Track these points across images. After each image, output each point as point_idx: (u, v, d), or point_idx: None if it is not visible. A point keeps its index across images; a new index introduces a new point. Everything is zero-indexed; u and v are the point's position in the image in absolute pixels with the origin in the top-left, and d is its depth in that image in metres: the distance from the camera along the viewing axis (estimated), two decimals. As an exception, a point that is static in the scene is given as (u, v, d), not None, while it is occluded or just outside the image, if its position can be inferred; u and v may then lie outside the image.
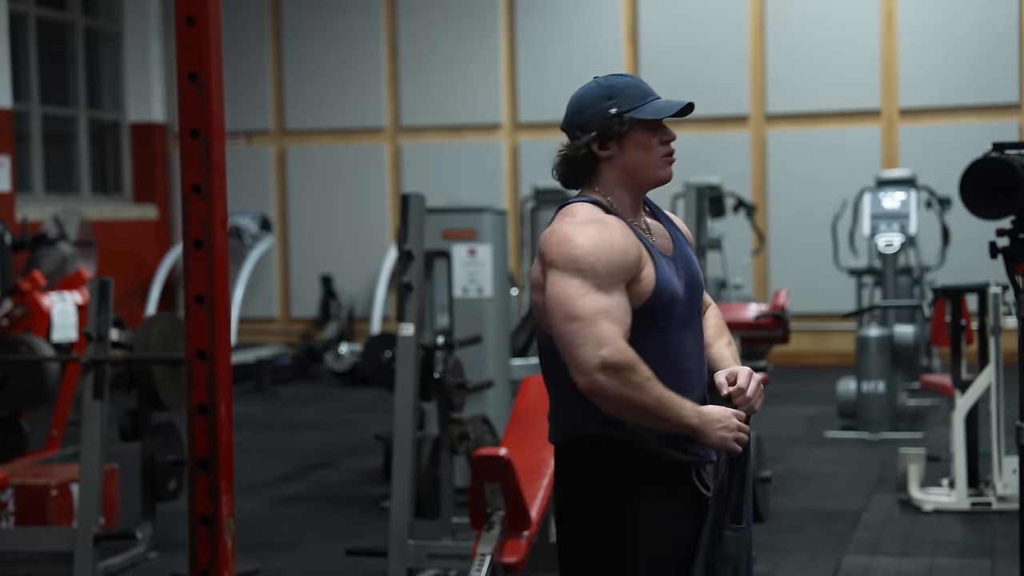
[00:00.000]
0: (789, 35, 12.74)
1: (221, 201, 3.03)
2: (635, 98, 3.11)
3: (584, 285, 2.89)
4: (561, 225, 2.99)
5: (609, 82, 3.18)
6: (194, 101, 2.99)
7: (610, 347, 2.86)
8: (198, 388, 3.00)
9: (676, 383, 2.95)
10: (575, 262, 2.91)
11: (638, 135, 3.07)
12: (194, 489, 3.03)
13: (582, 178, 3.11)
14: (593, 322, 2.88)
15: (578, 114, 3.18)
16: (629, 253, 2.93)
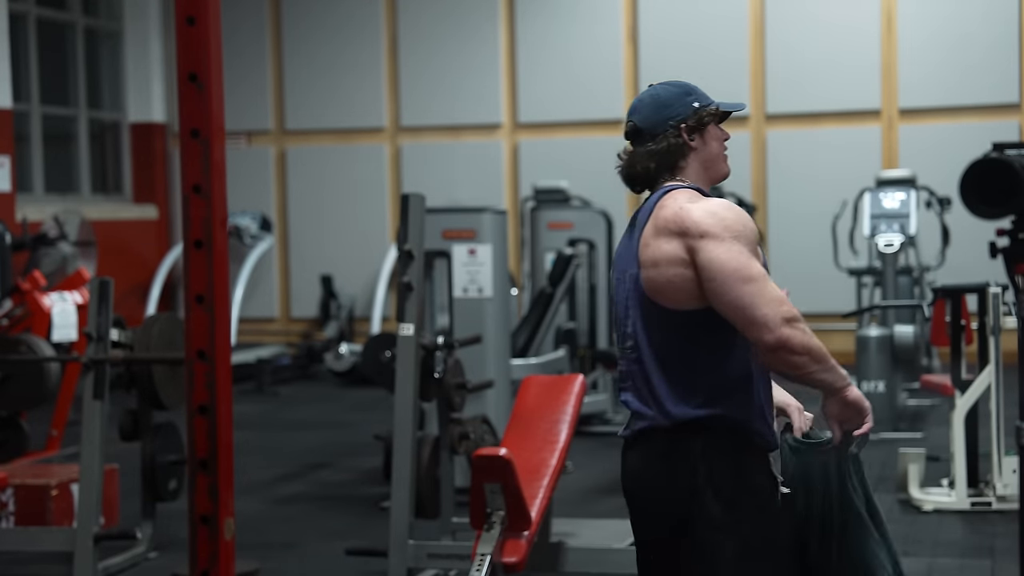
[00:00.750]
0: (789, 35, 12.74)
1: (221, 201, 3.03)
2: (705, 95, 3.29)
3: (744, 250, 3.06)
4: (690, 203, 3.14)
5: (682, 83, 3.32)
6: (194, 101, 2.99)
7: (786, 304, 3.05)
8: (198, 388, 3.00)
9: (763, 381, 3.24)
10: (730, 229, 3.07)
11: (714, 128, 3.25)
12: (194, 489, 3.03)
13: (666, 171, 3.25)
14: (766, 281, 3.05)
15: (664, 108, 3.26)
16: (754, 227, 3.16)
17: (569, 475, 7.65)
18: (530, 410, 5.35)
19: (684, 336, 3.12)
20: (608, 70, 13.07)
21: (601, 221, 10.11)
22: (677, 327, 3.12)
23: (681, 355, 3.12)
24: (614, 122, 13.13)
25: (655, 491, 3.18)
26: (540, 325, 8.93)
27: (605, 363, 9.56)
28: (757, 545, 3.13)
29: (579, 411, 5.36)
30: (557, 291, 9.11)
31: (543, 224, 10.30)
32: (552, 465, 5.06)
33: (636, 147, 3.32)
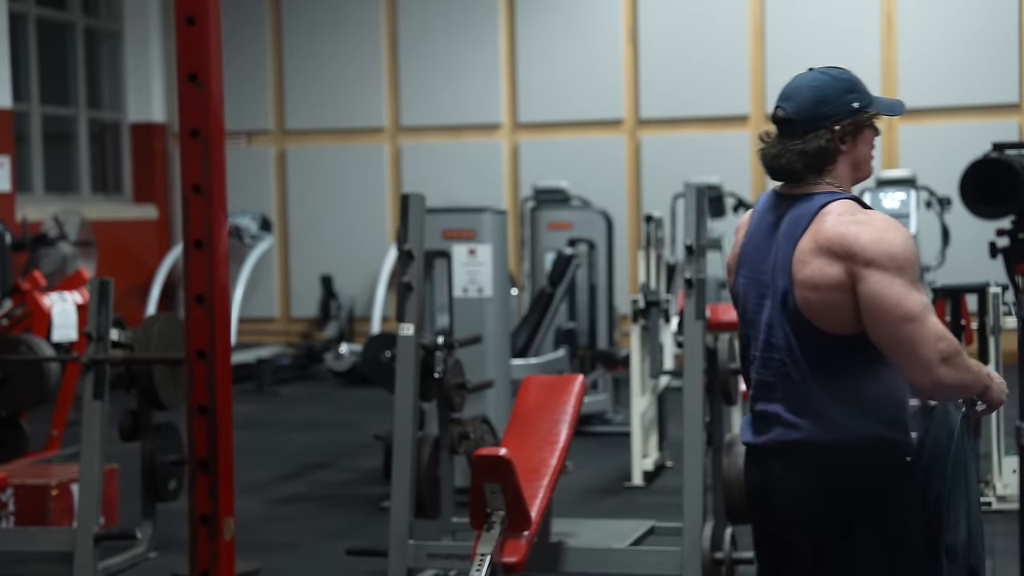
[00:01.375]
0: (789, 36, 12.73)
1: (221, 201, 3.03)
2: (867, 91, 3.21)
3: (906, 283, 2.97)
4: (856, 222, 3.02)
5: (845, 75, 3.23)
6: (194, 101, 2.99)
7: (944, 340, 2.98)
8: (198, 388, 3.00)
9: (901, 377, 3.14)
10: (895, 259, 2.97)
11: (870, 131, 3.16)
12: (194, 489, 3.03)
13: (812, 170, 3.14)
14: (925, 319, 2.97)
15: (823, 105, 3.17)
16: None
17: (569, 475, 7.67)
18: (530, 410, 5.34)
19: (844, 355, 3.04)
20: (608, 70, 13.06)
21: (601, 221, 10.11)
22: (836, 347, 3.04)
23: (840, 372, 3.04)
24: (614, 122, 13.14)
25: (801, 502, 3.11)
26: (540, 325, 8.93)
27: (605, 363, 9.56)
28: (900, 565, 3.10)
29: (579, 411, 5.36)
30: (557, 291, 9.10)
31: (543, 224, 10.30)
32: (552, 465, 5.06)
33: (783, 138, 3.19)
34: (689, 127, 12.98)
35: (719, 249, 11.59)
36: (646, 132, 13.08)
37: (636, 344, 7.78)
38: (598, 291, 10.02)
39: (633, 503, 7.26)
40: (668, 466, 8.07)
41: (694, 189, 5.42)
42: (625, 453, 7.88)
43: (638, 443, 7.67)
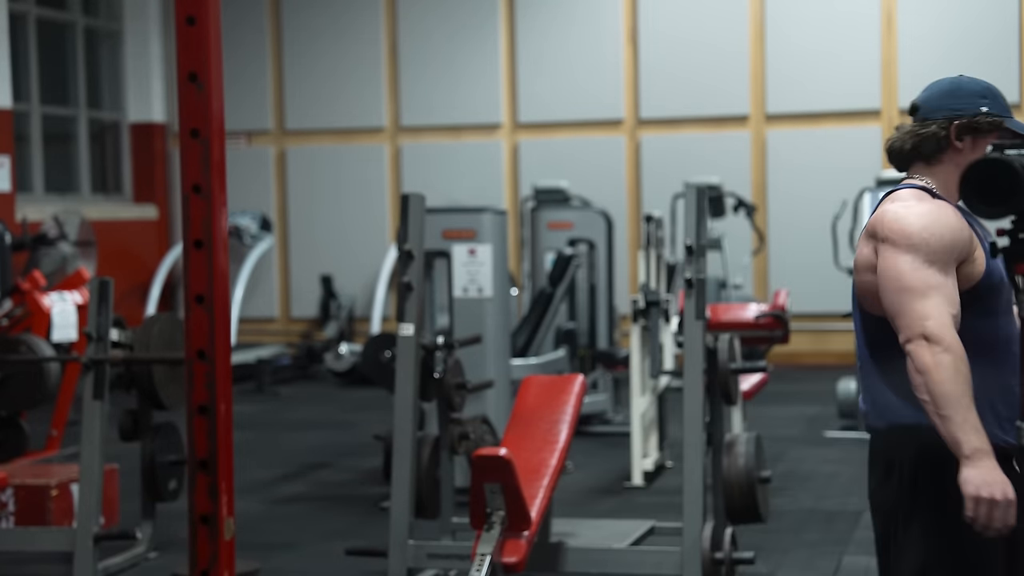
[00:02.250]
0: (789, 35, 12.74)
1: (221, 201, 3.03)
2: (1004, 107, 3.19)
3: (916, 260, 2.97)
4: (894, 205, 3.08)
5: (985, 83, 3.24)
6: (194, 101, 2.99)
7: (932, 320, 2.92)
8: (198, 388, 3.00)
9: (1007, 365, 3.03)
10: (909, 238, 3.00)
11: (987, 140, 3.15)
12: (194, 489, 3.03)
13: (922, 159, 3.17)
14: (924, 296, 2.95)
15: (951, 98, 3.24)
16: (963, 232, 3.04)
17: (569, 475, 7.67)
18: (530, 410, 5.34)
19: (890, 338, 3.03)
20: (608, 70, 13.06)
21: (601, 221, 10.11)
22: (881, 329, 3.07)
23: (889, 356, 3.04)
24: (614, 122, 13.14)
25: (872, 489, 3.18)
26: (540, 325, 8.93)
27: (605, 363, 9.56)
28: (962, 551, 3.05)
29: (579, 411, 5.36)
30: (557, 291, 9.10)
31: (543, 224, 10.30)
32: (552, 465, 5.06)
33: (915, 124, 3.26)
34: (689, 127, 12.98)
35: (719, 249, 11.59)
36: (646, 132, 13.08)
37: (636, 344, 7.78)
38: (598, 291, 10.02)
39: (633, 503, 7.26)
40: (668, 466, 8.07)
41: (694, 189, 5.42)
42: (625, 453, 7.88)
43: (638, 443, 7.67)
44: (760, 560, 5.47)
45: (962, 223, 3.07)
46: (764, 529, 6.17)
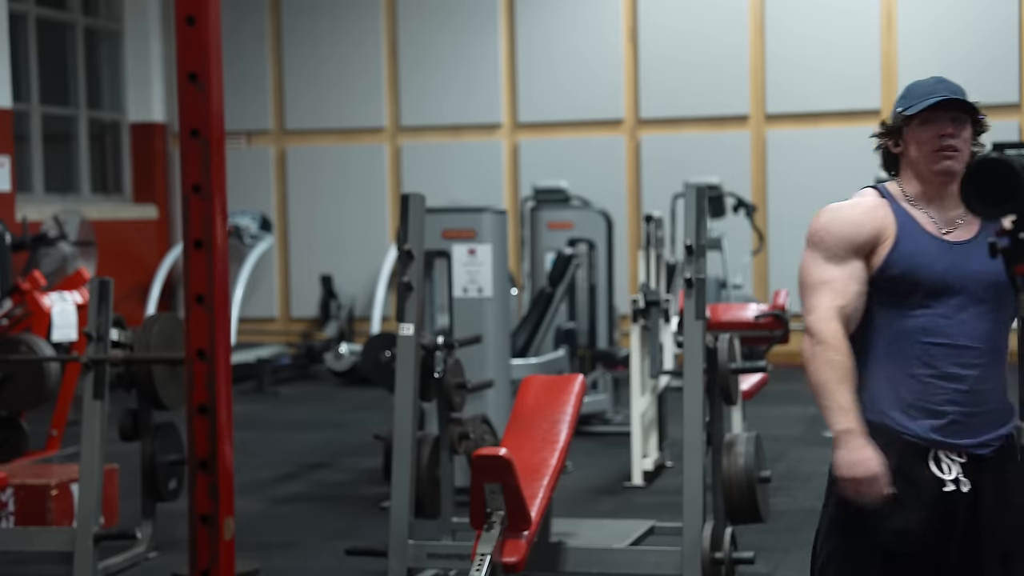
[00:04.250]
0: (789, 35, 12.74)
1: (221, 201, 3.03)
2: (913, 98, 3.27)
3: (814, 256, 3.21)
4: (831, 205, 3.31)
5: (909, 86, 3.34)
6: (194, 101, 2.99)
7: (813, 314, 3.16)
8: (198, 388, 3.00)
9: (917, 356, 3.14)
10: (811, 236, 3.25)
11: (914, 131, 3.24)
12: (194, 489, 3.03)
13: (891, 169, 3.31)
14: (814, 290, 3.18)
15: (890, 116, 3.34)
16: (863, 226, 3.18)
17: (569, 475, 7.67)
18: (530, 410, 5.34)
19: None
20: (608, 70, 13.06)
21: (601, 221, 10.11)
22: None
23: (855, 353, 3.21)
24: (614, 122, 13.14)
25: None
26: (540, 325, 8.93)
27: (605, 363, 9.56)
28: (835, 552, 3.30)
29: (579, 411, 5.36)
30: (557, 291, 9.10)
31: (543, 224, 10.30)
32: (552, 465, 5.06)
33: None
34: (689, 127, 12.98)
35: (719, 249, 11.59)
36: (646, 132, 13.08)
37: (636, 344, 7.78)
38: (598, 291, 10.02)
39: (633, 503, 7.26)
40: (668, 466, 8.07)
41: (694, 189, 5.42)
42: (625, 453, 7.88)
43: (638, 443, 7.67)
44: (760, 560, 5.47)
45: (867, 218, 3.19)
46: (764, 529, 6.17)
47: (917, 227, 3.20)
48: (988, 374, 3.16)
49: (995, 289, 3.16)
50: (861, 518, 3.15)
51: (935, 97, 3.21)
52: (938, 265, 3.15)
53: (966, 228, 3.22)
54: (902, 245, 3.17)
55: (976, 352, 3.15)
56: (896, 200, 3.24)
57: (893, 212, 3.21)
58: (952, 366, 3.14)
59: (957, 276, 3.16)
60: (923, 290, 3.16)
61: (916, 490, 3.12)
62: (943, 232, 3.20)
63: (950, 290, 3.16)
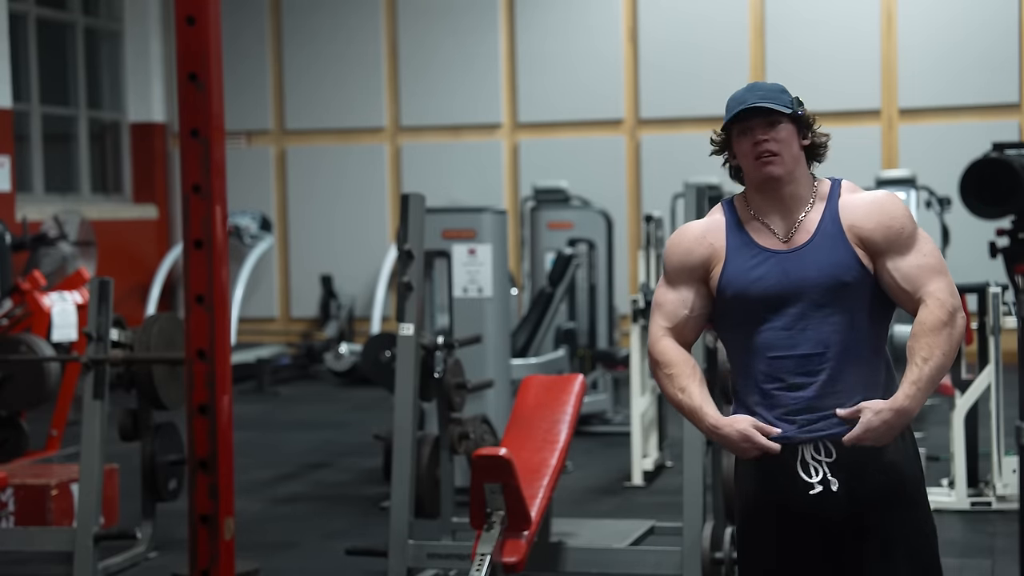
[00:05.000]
0: (789, 35, 12.74)
1: (221, 201, 3.03)
2: (728, 110, 3.25)
3: (662, 279, 3.32)
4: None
5: (729, 98, 3.28)
6: (194, 101, 2.99)
7: (651, 337, 3.29)
8: (198, 388, 3.00)
9: (767, 372, 3.16)
10: (662, 257, 3.38)
11: (736, 143, 3.26)
12: (194, 489, 3.03)
13: (741, 181, 3.32)
14: (653, 311, 3.32)
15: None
16: (692, 253, 3.25)
17: (569, 475, 7.67)
18: (530, 410, 5.35)
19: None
20: (608, 70, 13.06)
21: (601, 221, 10.11)
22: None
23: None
24: (614, 122, 13.14)
25: None
26: (540, 325, 8.93)
27: (605, 363, 9.56)
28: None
29: (579, 411, 5.37)
30: (557, 291, 9.10)
31: (543, 224, 10.30)
32: (552, 465, 5.06)
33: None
34: (689, 127, 12.98)
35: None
36: (646, 132, 13.08)
37: (636, 344, 7.78)
38: (598, 291, 10.02)
39: (633, 503, 7.26)
40: (668, 466, 8.07)
41: (694, 189, 5.42)
42: (625, 453, 7.88)
43: (638, 443, 7.68)
44: (760, 560, 5.46)
45: (697, 243, 3.25)
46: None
47: (748, 245, 3.21)
48: (838, 375, 3.15)
49: (835, 291, 3.14)
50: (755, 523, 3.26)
51: (739, 107, 3.18)
52: (769, 280, 3.16)
53: (803, 231, 3.19)
54: (730, 267, 3.19)
55: (821, 357, 3.14)
56: (736, 216, 3.25)
57: (726, 232, 3.23)
58: (796, 376, 3.15)
59: (792, 286, 3.15)
60: (759, 307, 3.16)
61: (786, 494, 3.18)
62: (782, 241, 3.19)
63: (787, 302, 3.15)
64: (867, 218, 3.18)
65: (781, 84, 3.26)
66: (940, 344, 3.18)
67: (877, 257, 3.17)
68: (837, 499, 3.14)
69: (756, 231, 3.21)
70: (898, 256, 3.17)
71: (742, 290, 3.17)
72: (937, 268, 3.20)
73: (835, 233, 3.17)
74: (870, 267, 3.17)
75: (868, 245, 3.16)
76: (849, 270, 3.15)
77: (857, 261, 3.16)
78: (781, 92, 3.21)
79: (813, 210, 3.20)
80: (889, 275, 3.18)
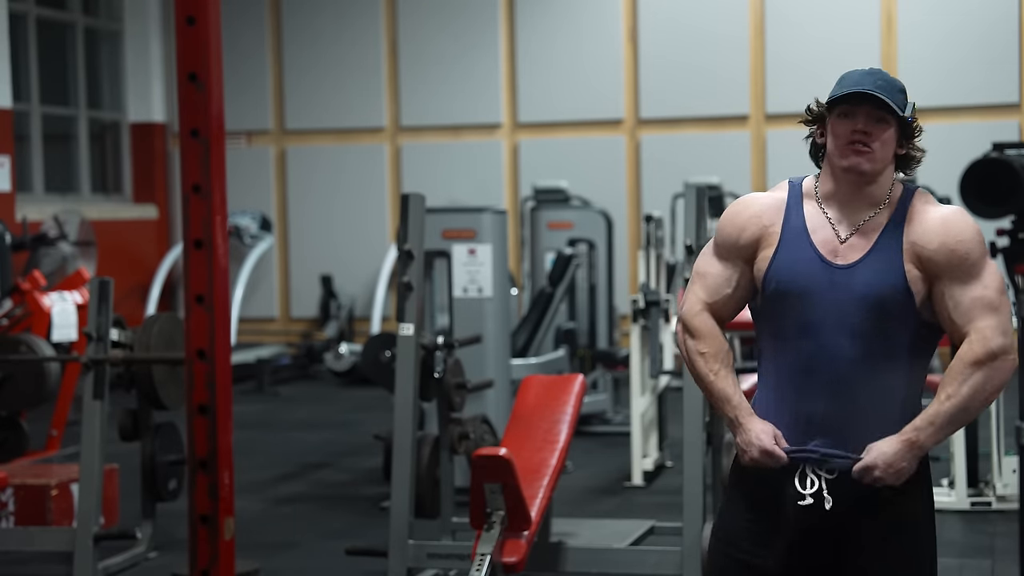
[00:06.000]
0: (789, 35, 12.73)
1: (221, 201, 3.03)
2: (842, 86, 3.07)
3: (712, 243, 3.18)
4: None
5: (844, 74, 3.13)
6: (194, 101, 2.99)
7: (686, 305, 3.15)
8: (198, 388, 3.00)
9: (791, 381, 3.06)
10: (716, 226, 3.22)
11: (832, 122, 3.07)
12: (194, 489, 3.03)
13: (818, 160, 3.20)
14: (694, 279, 3.18)
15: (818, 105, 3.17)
16: (745, 231, 3.11)
17: (569, 475, 7.67)
18: (530, 410, 5.35)
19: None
20: (608, 70, 13.06)
21: (601, 221, 10.11)
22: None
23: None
24: (614, 122, 13.14)
25: None
26: (540, 325, 8.93)
27: (605, 363, 9.56)
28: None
29: (579, 411, 5.37)
30: (557, 291, 9.10)
31: (543, 224, 10.30)
32: (552, 465, 5.06)
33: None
34: (689, 127, 12.98)
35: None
36: (646, 132, 13.08)
37: (636, 344, 7.78)
38: (598, 291, 10.02)
39: (633, 503, 7.26)
40: (668, 466, 8.07)
41: (694, 189, 5.42)
42: (625, 453, 7.88)
43: (638, 443, 7.67)
44: (760, 560, 5.46)
45: (753, 222, 3.10)
46: (764, 529, 6.16)
47: (803, 239, 3.04)
48: (865, 403, 2.98)
49: (878, 316, 2.96)
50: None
51: (854, 87, 3.00)
52: (813, 288, 2.99)
53: (863, 237, 3.01)
54: (779, 259, 3.03)
55: (849, 381, 2.97)
56: (801, 200, 3.10)
57: (785, 217, 3.08)
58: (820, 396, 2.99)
59: (835, 301, 2.98)
60: (797, 312, 3.01)
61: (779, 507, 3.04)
62: (840, 242, 3.01)
63: (827, 314, 2.98)
64: (932, 236, 2.97)
65: (903, 83, 3.08)
66: (971, 383, 2.97)
67: (935, 279, 2.97)
68: (825, 515, 2.98)
69: (817, 225, 3.05)
70: (957, 283, 2.96)
71: (784, 289, 3.01)
72: (994, 304, 2.97)
73: (894, 249, 2.98)
74: (922, 292, 2.98)
75: (928, 266, 2.96)
76: (897, 296, 2.96)
77: (907, 287, 2.97)
78: (900, 91, 3.03)
79: (880, 215, 3.02)
80: (942, 301, 2.98)
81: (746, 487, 3.12)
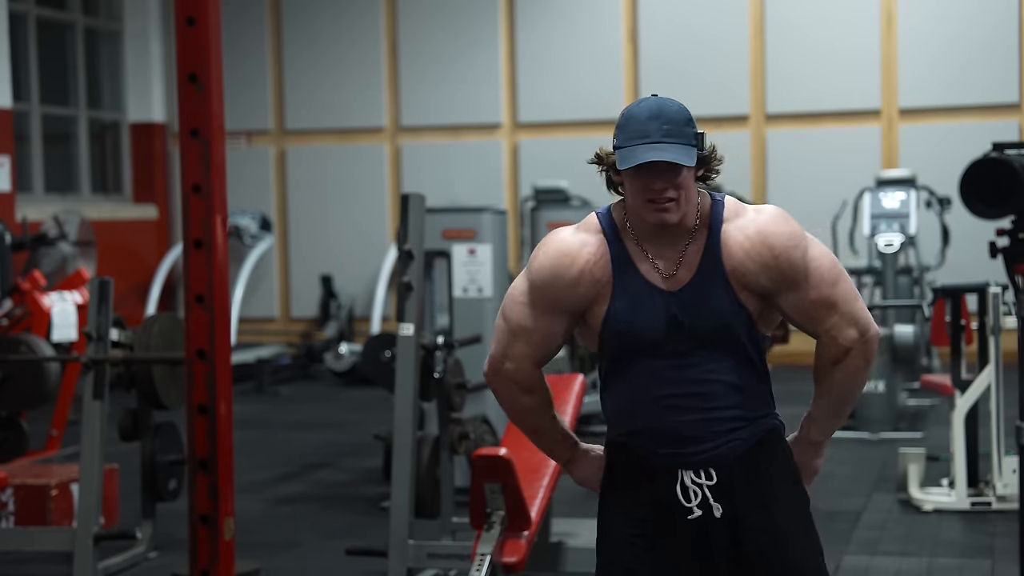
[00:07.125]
0: (789, 35, 12.74)
1: (221, 201, 3.04)
2: (625, 136, 2.93)
3: (526, 291, 3.01)
4: (556, 232, 3.06)
5: (629, 110, 2.99)
6: (194, 101, 3.00)
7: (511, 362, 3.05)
8: (198, 388, 3.01)
9: (649, 411, 3.00)
10: (531, 266, 3.02)
11: (626, 176, 2.95)
12: (194, 489, 3.03)
13: (618, 191, 3.07)
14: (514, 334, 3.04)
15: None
16: (577, 286, 2.98)
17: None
18: (530, 410, 5.33)
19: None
20: (608, 70, 13.06)
21: (601, 221, 10.10)
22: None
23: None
24: (614, 122, 13.12)
25: None
26: (540, 325, 8.92)
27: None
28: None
29: (579, 411, 5.36)
30: (557, 291, 9.09)
31: (543, 224, 10.30)
32: (552, 465, 5.06)
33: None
34: (689, 127, 12.97)
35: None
36: (646, 132, 13.06)
37: (636, 344, 7.76)
38: (598, 291, 10.01)
39: (633, 503, 7.25)
40: (668, 466, 8.06)
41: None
42: (625, 453, 7.86)
43: (638, 443, 7.66)
44: (760, 560, 5.45)
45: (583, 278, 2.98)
46: (764, 529, 6.15)
47: (634, 280, 2.97)
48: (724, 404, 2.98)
49: (719, 332, 2.95)
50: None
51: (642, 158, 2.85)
52: (656, 322, 2.95)
53: (685, 267, 2.95)
54: (616, 305, 2.96)
55: (707, 391, 2.97)
56: (618, 237, 2.99)
57: (612, 263, 2.96)
58: (680, 411, 2.97)
59: (677, 327, 2.94)
60: (644, 345, 2.96)
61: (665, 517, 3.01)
62: (670, 272, 2.95)
63: (673, 340, 2.95)
64: (749, 259, 2.93)
65: (684, 108, 2.92)
66: (835, 379, 3.08)
67: (767, 296, 2.95)
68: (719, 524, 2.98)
69: (640, 262, 2.97)
70: (791, 292, 2.94)
71: (628, 330, 2.95)
72: (830, 300, 2.95)
73: (716, 274, 2.93)
74: (757, 306, 2.96)
75: (754, 288, 2.93)
76: (731, 314, 2.94)
77: (738, 305, 2.94)
78: (686, 124, 2.89)
79: (695, 242, 2.95)
80: (784, 311, 2.98)
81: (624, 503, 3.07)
